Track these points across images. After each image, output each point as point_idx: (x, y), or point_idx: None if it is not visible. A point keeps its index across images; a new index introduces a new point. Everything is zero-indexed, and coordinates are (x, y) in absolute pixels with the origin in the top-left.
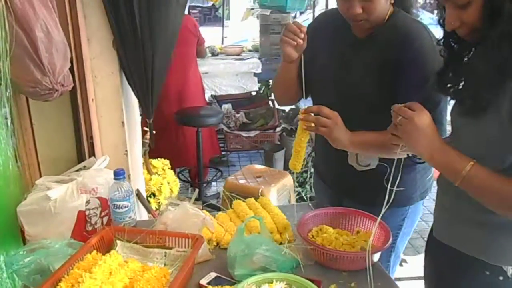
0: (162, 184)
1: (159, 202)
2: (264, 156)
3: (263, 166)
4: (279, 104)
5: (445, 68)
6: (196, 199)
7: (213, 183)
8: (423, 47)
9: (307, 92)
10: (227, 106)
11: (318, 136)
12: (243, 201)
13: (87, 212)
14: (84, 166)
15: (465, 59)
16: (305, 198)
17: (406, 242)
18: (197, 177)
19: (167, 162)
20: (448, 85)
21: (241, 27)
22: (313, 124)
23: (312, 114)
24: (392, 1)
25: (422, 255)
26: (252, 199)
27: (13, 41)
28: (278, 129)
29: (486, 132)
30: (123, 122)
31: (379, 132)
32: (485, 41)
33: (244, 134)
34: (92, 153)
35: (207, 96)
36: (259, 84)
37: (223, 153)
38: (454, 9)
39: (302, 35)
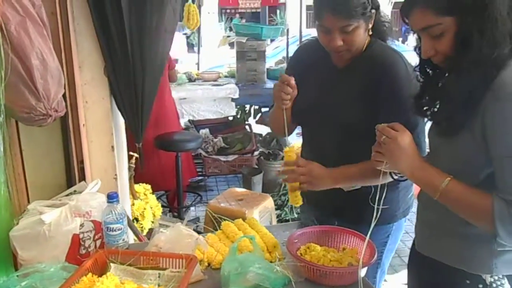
0: (145, 208)
1: (142, 227)
2: (242, 180)
3: (244, 189)
4: (276, 134)
5: (421, 92)
6: (164, 218)
7: (192, 208)
8: (399, 75)
9: (295, 121)
10: (204, 131)
11: (303, 157)
12: (232, 222)
13: (81, 236)
14: (75, 191)
15: (440, 84)
16: (285, 220)
17: (390, 258)
18: (176, 201)
19: (148, 187)
20: (425, 108)
21: (214, 54)
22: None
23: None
24: (371, 32)
25: (401, 273)
26: (240, 220)
27: (8, 68)
28: (256, 153)
29: (461, 151)
30: (113, 147)
31: (359, 164)
32: (457, 69)
33: (222, 158)
34: (83, 178)
35: (184, 121)
36: (237, 109)
37: (200, 177)
38: (429, 39)
39: (290, 90)
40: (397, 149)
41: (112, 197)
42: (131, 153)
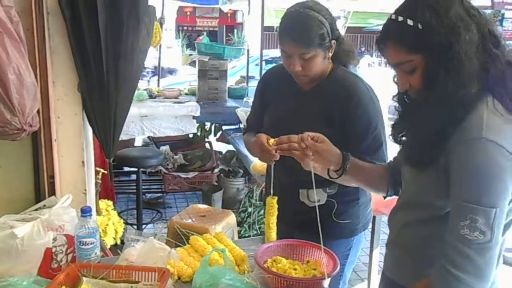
0: (107, 225)
1: (104, 243)
2: (202, 197)
3: (206, 206)
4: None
5: (399, 121)
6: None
7: (150, 225)
8: (361, 99)
9: None
10: (165, 148)
11: (270, 177)
12: (200, 236)
13: (53, 249)
14: (44, 205)
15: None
16: (245, 236)
17: (351, 270)
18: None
19: (110, 203)
20: (401, 135)
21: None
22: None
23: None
24: (330, 60)
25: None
26: (208, 235)
27: None
28: (216, 170)
29: (426, 184)
30: (83, 162)
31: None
32: (426, 105)
33: (182, 175)
34: (52, 192)
35: (144, 137)
36: (197, 126)
37: (159, 194)
38: (403, 74)
39: (273, 151)
40: None
41: (85, 211)
42: (97, 168)
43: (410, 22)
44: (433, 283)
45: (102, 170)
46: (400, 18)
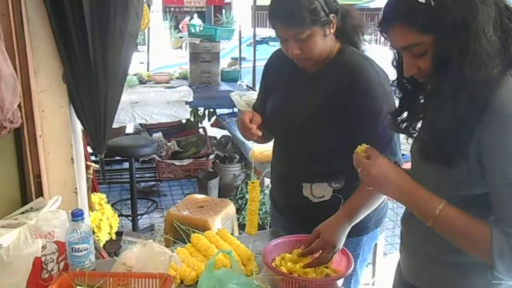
0: (101, 220)
1: (98, 239)
2: (197, 184)
3: (204, 196)
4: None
5: (400, 108)
6: (128, 233)
7: (145, 215)
8: (370, 84)
9: (268, 127)
10: (158, 135)
11: (273, 169)
12: (201, 234)
13: (43, 259)
14: (31, 208)
15: (421, 100)
16: (244, 224)
17: (364, 267)
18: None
19: (103, 196)
20: (404, 125)
21: (161, 54)
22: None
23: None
24: (333, 37)
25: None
26: (211, 232)
27: None
28: (211, 156)
29: (453, 177)
30: (72, 159)
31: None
32: (439, 93)
33: (177, 163)
34: (40, 193)
35: (135, 124)
36: (190, 110)
37: (153, 183)
38: (411, 57)
39: (254, 128)
40: (374, 179)
41: (76, 215)
42: (88, 163)
43: None
44: (494, 247)
45: (93, 165)
46: None
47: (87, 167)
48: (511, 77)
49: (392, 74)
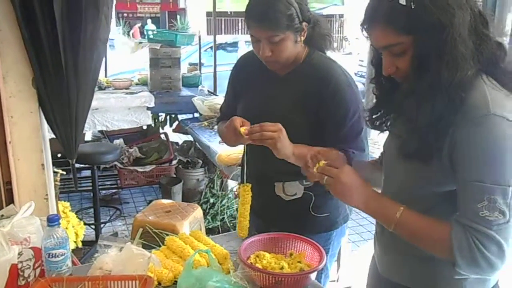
0: (67, 228)
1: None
2: (161, 190)
3: (170, 201)
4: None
5: (377, 106)
6: (104, 238)
7: (108, 223)
8: (339, 84)
9: None
10: (119, 141)
11: (247, 169)
12: (176, 236)
13: (19, 265)
14: (2, 215)
15: (395, 98)
16: (209, 228)
17: (333, 263)
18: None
19: (67, 204)
20: (379, 122)
21: (117, 60)
22: (257, 135)
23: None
24: (302, 44)
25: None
26: (185, 234)
27: None
28: (174, 162)
29: (425, 173)
30: (43, 165)
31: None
32: (416, 92)
33: (139, 169)
34: (10, 201)
35: (94, 131)
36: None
37: (114, 190)
38: (390, 56)
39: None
40: (342, 187)
41: (53, 220)
42: (55, 169)
43: (402, 1)
44: (454, 243)
45: (60, 171)
46: None
47: (54, 173)
48: (482, 79)
49: (371, 72)
